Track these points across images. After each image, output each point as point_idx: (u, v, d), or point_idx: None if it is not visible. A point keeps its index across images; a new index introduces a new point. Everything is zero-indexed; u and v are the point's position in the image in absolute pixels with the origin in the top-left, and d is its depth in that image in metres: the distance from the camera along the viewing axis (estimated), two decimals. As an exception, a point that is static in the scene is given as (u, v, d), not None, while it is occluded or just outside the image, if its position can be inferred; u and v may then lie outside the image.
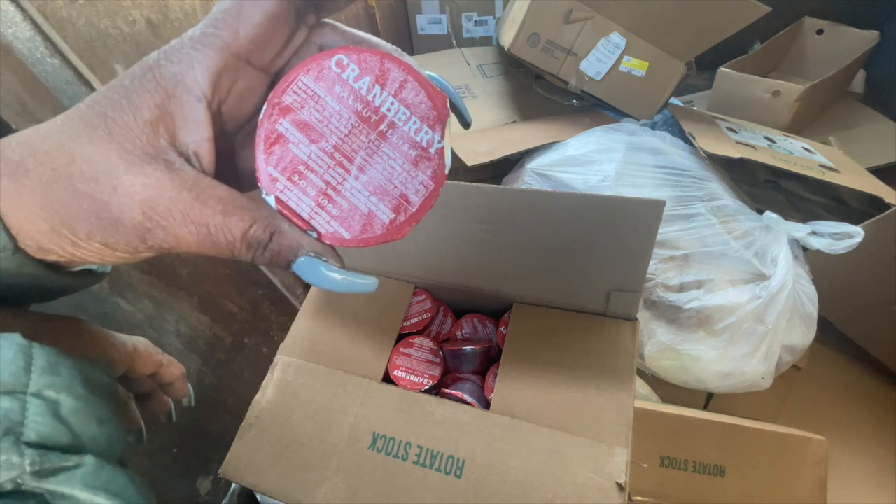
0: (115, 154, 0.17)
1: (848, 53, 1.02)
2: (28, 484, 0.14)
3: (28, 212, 0.17)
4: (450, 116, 0.19)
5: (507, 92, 0.91)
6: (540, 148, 0.74)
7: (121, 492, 0.16)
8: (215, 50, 0.17)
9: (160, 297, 0.57)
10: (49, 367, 0.17)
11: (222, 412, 0.67)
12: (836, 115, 1.03)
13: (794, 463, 0.50)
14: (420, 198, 0.19)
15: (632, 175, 0.63)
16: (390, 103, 0.18)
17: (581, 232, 0.36)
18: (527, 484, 0.32)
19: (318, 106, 0.18)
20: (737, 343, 0.55)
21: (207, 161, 0.18)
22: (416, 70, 0.19)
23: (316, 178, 0.18)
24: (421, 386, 0.38)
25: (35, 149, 0.17)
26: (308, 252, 0.18)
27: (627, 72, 0.78)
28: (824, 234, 0.55)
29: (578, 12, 0.75)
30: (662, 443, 0.51)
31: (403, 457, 0.34)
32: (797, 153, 0.74)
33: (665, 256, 0.58)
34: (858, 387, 0.73)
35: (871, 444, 0.67)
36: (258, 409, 0.37)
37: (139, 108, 0.17)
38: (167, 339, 0.59)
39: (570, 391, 0.35)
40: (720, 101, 1.00)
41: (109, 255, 0.18)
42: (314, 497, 0.33)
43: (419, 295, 0.44)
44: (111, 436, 0.18)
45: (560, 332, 0.38)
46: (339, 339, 0.41)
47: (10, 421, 0.15)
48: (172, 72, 0.17)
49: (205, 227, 0.17)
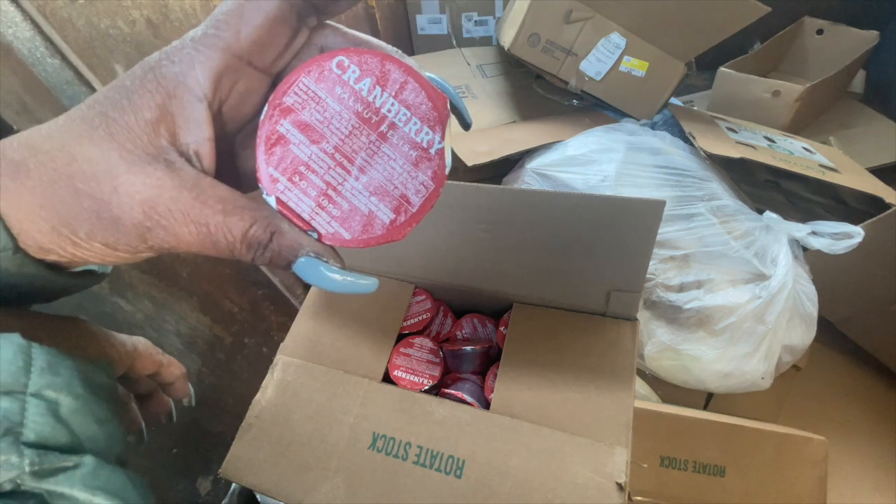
0: (115, 154, 0.17)
1: (848, 53, 1.01)
2: (27, 484, 0.14)
3: (29, 212, 0.17)
4: (450, 117, 0.19)
5: (507, 92, 0.91)
6: (540, 148, 0.74)
7: (120, 492, 0.16)
8: (217, 51, 0.17)
9: (160, 297, 0.57)
10: (48, 367, 0.17)
11: (222, 412, 0.67)
12: (836, 115, 1.03)
13: (794, 463, 0.49)
14: (420, 198, 0.19)
15: (632, 175, 0.63)
16: (391, 104, 0.18)
17: (581, 232, 0.36)
18: (527, 484, 0.32)
19: (318, 107, 0.18)
20: (737, 343, 0.55)
21: (208, 161, 0.18)
22: (417, 71, 0.19)
23: (316, 179, 0.18)
24: (421, 386, 0.38)
25: (36, 149, 0.17)
26: (308, 252, 0.18)
27: (627, 72, 0.78)
28: (824, 234, 0.55)
29: (578, 12, 0.75)
30: (662, 443, 0.51)
31: (403, 457, 0.34)
32: (797, 153, 0.74)
33: (665, 256, 0.58)
34: (858, 387, 0.73)
35: (871, 444, 0.67)
36: (258, 409, 0.37)
37: (140, 109, 0.17)
38: (167, 339, 0.59)
39: (570, 391, 0.35)
40: (720, 101, 1.00)
41: (110, 254, 0.18)
42: (314, 497, 0.33)
43: (419, 295, 0.44)
44: (110, 436, 0.18)
45: (560, 332, 0.38)
46: (339, 339, 0.41)
47: (10, 421, 0.15)
48: (174, 72, 0.17)
49: (205, 227, 0.17)
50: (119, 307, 0.52)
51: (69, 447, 0.16)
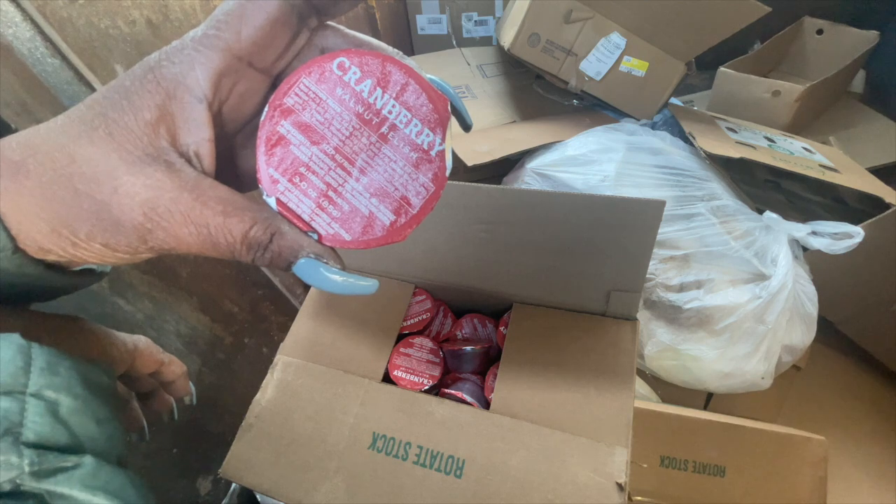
0: (115, 155, 0.17)
1: (848, 53, 1.01)
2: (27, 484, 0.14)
3: (28, 212, 0.17)
4: (451, 119, 0.19)
5: (507, 92, 0.91)
6: (540, 148, 0.74)
7: (120, 492, 0.16)
8: (217, 51, 0.17)
9: (160, 297, 0.57)
10: (48, 367, 0.17)
11: (222, 412, 0.67)
12: (836, 115, 1.03)
13: (794, 463, 0.49)
14: (421, 200, 0.19)
15: (632, 175, 0.63)
16: (392, 106, 0.18)
17: (581, 232, 0.36)
18: (527, 484, 0.32)
19: (319, 108, 0.18)
20: (737, 343, 0.55)
21: (208, 162, 0.18)
22: (418, 73, 0.19)
23: (317, 180, 0.18)
24: (421, 386, 0.38)
25: (36, 149, 0.17)
26: (308, 253, 0.18)
27: (627, 72, 0.78)
28: (824, 234, 0.55)
29: (578, 12, 0.75)
30: (662, 443, 0.51)
31: (403, 457, 0.34)
32: (797, 153, 0.74)
33: (665, 256, 0.58)
34: (858, 387, 0.73)
35: (871, 444, 0.67)
36: (258, 409, 0.37)
37: (140, 109, 0.17)
38: (167, 339, 0.59)
39: (570, 391, 0.35)
40: (720, 101, 1.00)
41: (109, 255, 0.18)
42: (314, 497, 0.33)
43: (419, 295, 0.44)
44: (110, 436, 0.18)
45: (560, 332, 0.38)
46: (339, 338, 0.41)
47: (9, 421, 0.15)
48: (174, 72, 0.17)
49: (205, 228, 0.17)
50: (119, 307, 0.52)
51: (69, 447, 0.16)
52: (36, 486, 0.15)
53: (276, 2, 0.17)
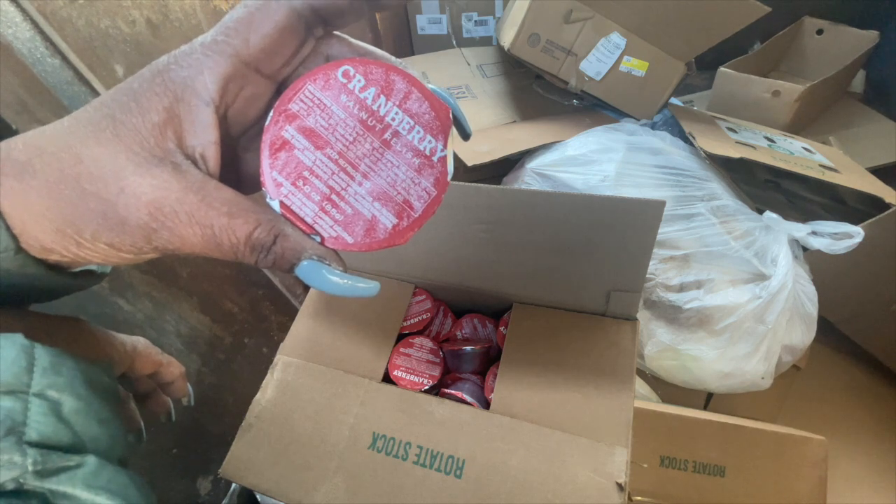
0: (122, 155, 0.17)
1: (848, 53, 1.02)
2: (30, 483, 0.15)
3: (33, 212, 0.17)
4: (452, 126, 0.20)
5: (507, 92, 0.91)
6: (540, 148, 0.74)
7: (122, 492, 0.17)
8: (225, 57, 0.17)
9: (160, 297, 0.57)
10: (51, 367, 0.17)
11: (222, 412, 0.67)
12: (836, 115, 1.03)
13: (794, 463, 0.50)
14: (423, 203, 0.19)
15: (632, 175, 0.63)
16: (395, 113, 0.19)
17: (581, 232, 0.36)
18: (527, 484, 0.32)
19: (323, 114, 0.19)
20: (737, 343, 0.55)
21: (213, 164, 0.18)
22: (420, 82, 0.19)
23: (320, 184, 0.19)
24: (421, 386, 0.39)
25: (42, 150, 0.17)
26: (311, 256, 0.18)
27: (627, 72, 0.78)
28: (824, 234, 0.55)
29: (578, 12, 0.75)
30: (662, 443, 0.51)
31: (403, 457, 0.34)
32: (797, 153, 0.75)
33: (665, 256, 0.58)
34: (858, 387, 0.73)
35: (871, 444, 0.67)
36: (258, 409, 0.37)
37: (148, 111, 0.17)
38: (167, 339, 0.59)
39: (570, 391, 0.35)
40: (720, 101, 1.00)
41: (114, 255, 0.18)
42: (314, 497, 0.33)
43: (419, 295, 0.44)
44: (112, 436, 0.18)
45: (560, 332, 0.38)
46: (339, 338, 0.41)
47: (13, 421, 0.15)
48: (182, 76, 0.17)
49: (210, 229, 0.17)
50: (119, 307, 0.52)
51: (71, 447, 0.16)
52: (39, 486, 0.15)
53: (284, 11, 0.18)
